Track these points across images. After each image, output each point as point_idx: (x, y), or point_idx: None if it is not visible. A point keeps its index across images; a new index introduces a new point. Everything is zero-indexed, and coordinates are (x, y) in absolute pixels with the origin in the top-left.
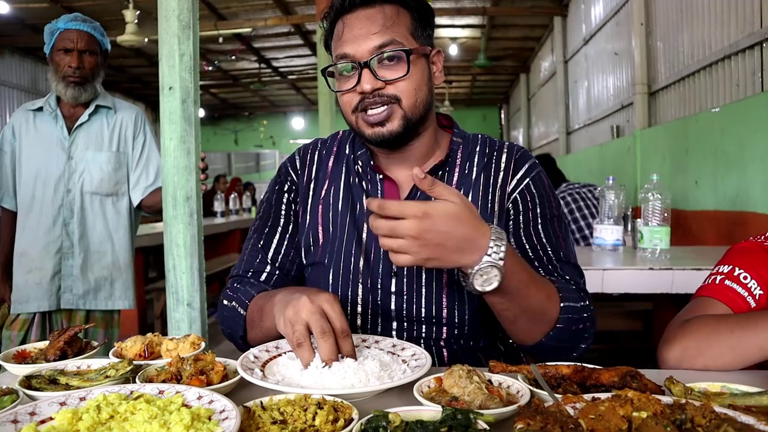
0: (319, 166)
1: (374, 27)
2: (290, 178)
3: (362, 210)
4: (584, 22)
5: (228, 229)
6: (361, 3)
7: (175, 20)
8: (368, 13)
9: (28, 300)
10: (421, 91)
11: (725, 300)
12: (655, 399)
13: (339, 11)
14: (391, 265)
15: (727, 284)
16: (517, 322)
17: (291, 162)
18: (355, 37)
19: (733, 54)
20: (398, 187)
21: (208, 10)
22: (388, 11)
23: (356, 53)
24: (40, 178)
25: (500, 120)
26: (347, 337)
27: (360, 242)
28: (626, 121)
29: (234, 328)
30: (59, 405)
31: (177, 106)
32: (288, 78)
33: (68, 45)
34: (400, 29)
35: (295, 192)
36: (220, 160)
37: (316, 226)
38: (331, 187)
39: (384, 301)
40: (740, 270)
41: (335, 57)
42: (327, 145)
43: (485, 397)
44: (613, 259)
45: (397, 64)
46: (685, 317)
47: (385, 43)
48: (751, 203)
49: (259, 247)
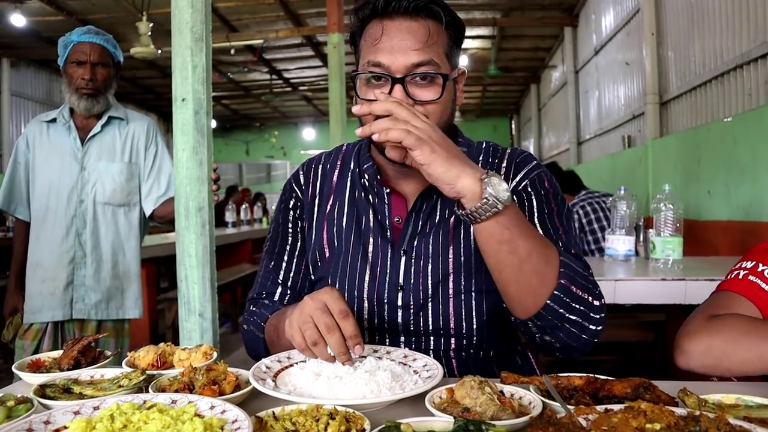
0: (323, 181)
1: (415, 43)
2: (295, 194)
3: (367, 224)
4: (595, 32)
5: (239, 240)
6: (405, 12)
7: (188, 33)
8: (411, 26)
9: (41, 310)
10: (445, 113)
11: (750, 296)
12: (669, 411)
13: (379, 13)
14: (397, 279)
15: (751, 279)
16: (522, 269)
17: (295, 179)
18: (393, 48)
19: (745, 63)
20: (406, 201)
21: (221, 22)
22: (431, 28)
23: (392, 66)
24: (53, 189)
25: (511, 130)
26: (346, 317)
27: (366, 257)
28: (638, 131)
29: (257, 350)
30: (73, 414)
31: (190, 118)
32: (299, 89)
33: (81, 57)
34: (438, 49)
35: (300, 208)
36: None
37: (322, 242)
38: (336, 202)
39: (391, 315)
40: (764, 266)
41: (366, 62)
42: (331, 159)
43: (497, 408)
44: (625, 270)
45: (430, 85)
46: (710, 311)
47: (424, 62)
48: (764, 213)
49: (271, 268)
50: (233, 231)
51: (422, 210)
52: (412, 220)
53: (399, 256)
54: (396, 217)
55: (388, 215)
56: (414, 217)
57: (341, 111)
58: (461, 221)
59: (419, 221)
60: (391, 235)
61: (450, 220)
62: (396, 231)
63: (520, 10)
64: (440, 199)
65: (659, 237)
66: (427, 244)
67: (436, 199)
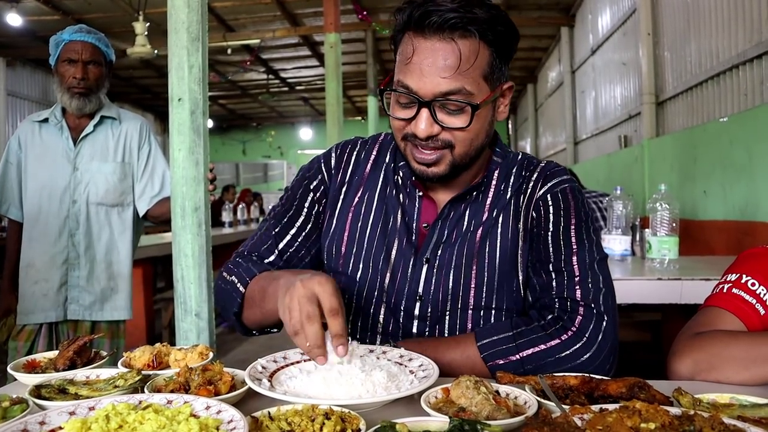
0: (355, 170)
1: (445, 69)
2: (321, 176)
3: (394, 225)
4: (591, 32)
5: (236, 239)
6: (439, 29)
7: (184, 32)
8: (443, 48)
9: (34, 311)
10: (477, 140)
11: (734, 310)
12: (664, 410)
13: (413, 26)
14: (417, 288)
15: (735, 293)
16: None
17: (326, 159)
18: (422, 72)
19: (740, 64)
20: (436, 207)
21: (217, 21)
22: (465, 50)
23: (419, 90)
24: (45, 190)
25: (508, 130)
26: (335, 315)
27: (388, 259)
28: (634, 131)
29: (229, 302)
30: (69, 414)
31: (186, 118)
32: (296, 89)
33: (73, 56)
34: (474, 73)
35: (322, 192)
36: (228, 171)
37: (343, 233)
38: (365, 195)
39: (406, 324)
40: (748, 277)
41: (396, 81)
42: (367, 147)
43: (492, 407)
44: (621, 270)
45: (459, 113)
46: (695, 329)
47: (453, 91)
48: (760, 213)
49: (273, 233)
50: (230, 231)
51: (449, 218)
52: (438, 227)
53: (421, 264)
54: (424, 223)
55: (417, 219)
56: (440, 225)
57: (338, 111)
58: (488, 235)
59: (445, 229)
60: (416, 240)
61: (477, 232)
62: (421, 237)
63: (517, 9)
64: (468, 208)
65: (655, 237)
66: (451, 255)
67: (464, 209)
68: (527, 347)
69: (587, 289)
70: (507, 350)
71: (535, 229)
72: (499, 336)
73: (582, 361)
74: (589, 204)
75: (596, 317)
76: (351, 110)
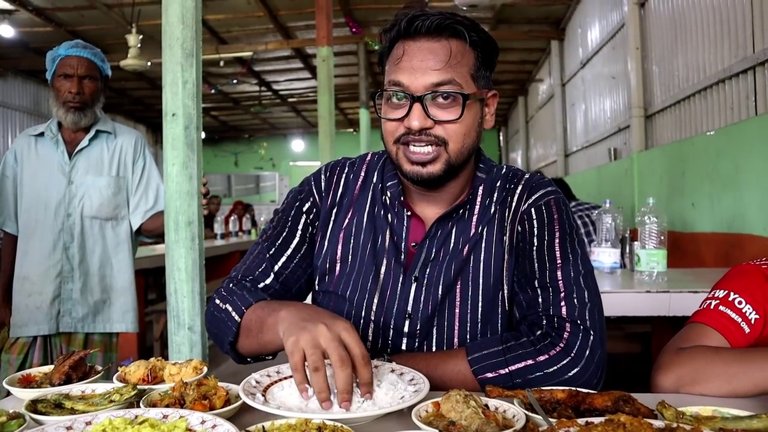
0: (344, 192)
1: (436, 63)
2: (313, 199)
3: (383, 244)
4: (581, 45)
5: (228, 251)
6: (427, 32)
7: (178, 48)
8: (432, 47)
9: (27, 324)
10: (469, 136)
11: (719, 327)
12: (647, 423)
13: (402, 34)
14: (405, 307)
15: (722, 310)
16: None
17: (316, 181)
18: (413, 68)
19: (727, 78)
20: (424, 226)
21: (210, 34)
22: (453, 48)
23: (411, 85)
24: (41, 203)
25: (499, 142)
26: (367, 364)
27: (377, 278)
28: (623, 144)
29: (223, 331)
30: (66, 429)
31: (180, 133)
32: (288, 101)
33: (68, 71)
34: (462, 69)
35: (315, 215)
36: (221, 182)
37: (335, 255)
38: (354, 216)
39: (395, 341)
40: (735, 295)
41: (388, 82)
42: (355, 168)
43: (482, 421)
44: (610, 282)
45: (451, 105)
46: (679, 344)
47: (444, 81)
48: (747, 225)
49: (267, 256)
50: (222, 243)
51: (437, 236)
52: (426, 246)
53: (410, 282)
54: (412, 242)
55: (405, 238)
56: (428, 244)
57: (330, 123)
58: (474, 250)
59: (433, 248)
60: (404, 260)
61: (463, 250)
62: (410, 256)
63: (508, 23)
64: (455, 226)
65: (644, 250)
66: (439, 272)
67: (451, 227)
68: (516, 361)
69: (573, 305)
70: (497, 363)
71: (520, 244)
72: (490, 350)
73: (570, 376)
74: (575, 219)
75: (582, 333)
76: (343, 122)
